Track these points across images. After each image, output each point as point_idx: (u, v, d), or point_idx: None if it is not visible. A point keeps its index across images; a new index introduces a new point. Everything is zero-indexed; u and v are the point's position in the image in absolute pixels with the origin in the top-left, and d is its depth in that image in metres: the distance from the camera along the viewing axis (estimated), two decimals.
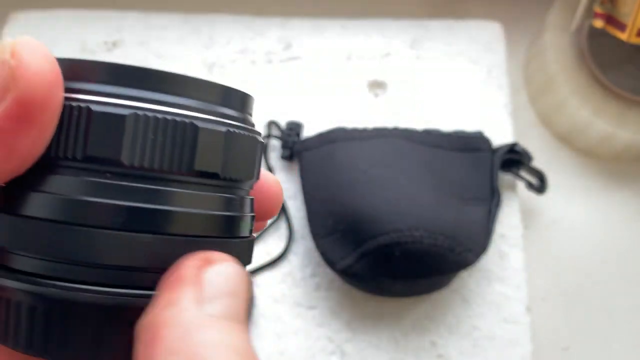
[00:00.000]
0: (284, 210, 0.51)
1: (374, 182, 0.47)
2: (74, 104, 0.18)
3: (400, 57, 0.57)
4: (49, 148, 0.18)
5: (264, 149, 0.21)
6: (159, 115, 0.18)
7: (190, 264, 0.18)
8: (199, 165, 0.18)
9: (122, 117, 0.17)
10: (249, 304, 0.19)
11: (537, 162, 0.52)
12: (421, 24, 0.58)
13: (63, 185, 0.18)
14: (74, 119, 0.18)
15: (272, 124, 0.53)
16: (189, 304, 0.17)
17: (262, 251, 0.50)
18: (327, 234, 0.47)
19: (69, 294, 0.18)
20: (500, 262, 0.50)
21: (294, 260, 0.50)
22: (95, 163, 0.18)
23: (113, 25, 0.57)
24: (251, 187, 0.22)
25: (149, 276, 0.19)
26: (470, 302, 0.49)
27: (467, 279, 0.50)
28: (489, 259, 0.50)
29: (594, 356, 0.51)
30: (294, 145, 0.51)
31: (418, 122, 0.54)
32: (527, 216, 0.53)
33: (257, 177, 0.22)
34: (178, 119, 0.18)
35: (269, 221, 0.51)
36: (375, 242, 0.45)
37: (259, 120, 0.54)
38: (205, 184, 0.19)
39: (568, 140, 0.57)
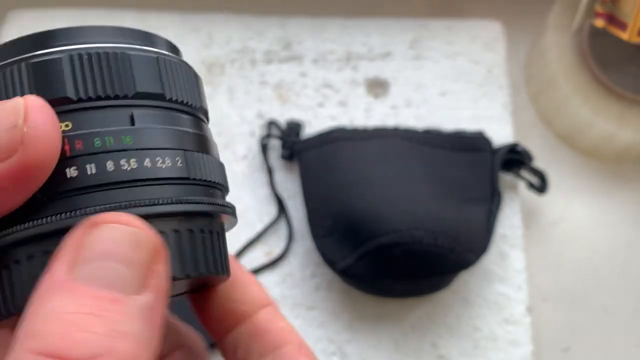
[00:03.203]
0: (283, 210, 0.51)
1: (374, 182, 0.46)
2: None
3: (400, 57, 0.57)
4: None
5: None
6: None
7: (80, 225, 0.18)
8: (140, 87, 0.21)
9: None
10: (143, 271, 0.17)
11: (538, 162, 0.52)
12: (421, 24, 0.58)
13: None
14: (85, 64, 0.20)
15: (272, 123, 0.53)
16: (59, 268, 0.17)
17: (262, 252, 0.50)
18: (327, 234, 0.47)
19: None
20: (500, 262, 0.50)
21: (293, 261, 0.50)
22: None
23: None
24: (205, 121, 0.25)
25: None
26: (470, 302, 0.49)
27: (467, 279, 0.50)
28: (490, 260, 0.50)
29: (595, 357, 0.50)
30: (294, 145, 0.51)
31: (418, 122, 0.54)
32: (528, 216, 0.53)
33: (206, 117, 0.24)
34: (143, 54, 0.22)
35: (269, 221, 0.51)
36: (375, 243, 0.44)
37: (259, 119, 0.54)
38: (152, 106, 0.21)
39: (569, 140, 0.57)
